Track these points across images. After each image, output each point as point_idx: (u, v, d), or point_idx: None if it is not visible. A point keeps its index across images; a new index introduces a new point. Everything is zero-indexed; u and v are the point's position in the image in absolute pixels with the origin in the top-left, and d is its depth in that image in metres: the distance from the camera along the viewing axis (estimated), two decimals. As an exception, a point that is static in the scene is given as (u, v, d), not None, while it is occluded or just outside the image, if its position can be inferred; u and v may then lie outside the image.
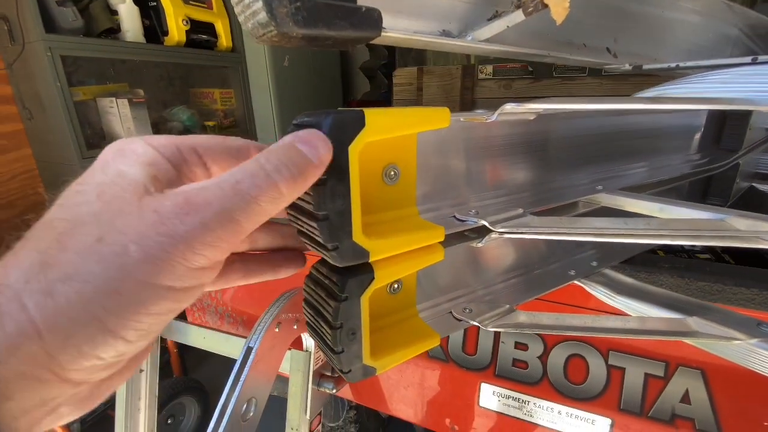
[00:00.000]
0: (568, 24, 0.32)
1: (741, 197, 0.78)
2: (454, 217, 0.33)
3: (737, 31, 0.55)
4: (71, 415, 0.18)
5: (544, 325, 0.37)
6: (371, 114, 0.23)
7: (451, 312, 0.37)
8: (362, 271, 0.27)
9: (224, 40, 2.00)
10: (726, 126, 0.63)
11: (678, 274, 0.48)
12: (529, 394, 0.61)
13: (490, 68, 1.46)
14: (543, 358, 0.59)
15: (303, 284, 0.30)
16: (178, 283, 0.18)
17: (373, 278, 0.27)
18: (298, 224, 0.26)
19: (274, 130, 2.21)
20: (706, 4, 0.46)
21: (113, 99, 1.65)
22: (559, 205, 0.38)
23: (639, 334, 0.35)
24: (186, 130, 1.94)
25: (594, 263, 0.48)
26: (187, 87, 2.03)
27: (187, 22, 1.75)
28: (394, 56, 2.35)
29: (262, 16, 0.19)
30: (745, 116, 0.60)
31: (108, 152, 0.20)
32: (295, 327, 0.58)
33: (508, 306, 0.38)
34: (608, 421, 0.57)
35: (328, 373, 0.71)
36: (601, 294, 0.43)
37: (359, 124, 0.23)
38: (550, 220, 0.33)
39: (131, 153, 0.20)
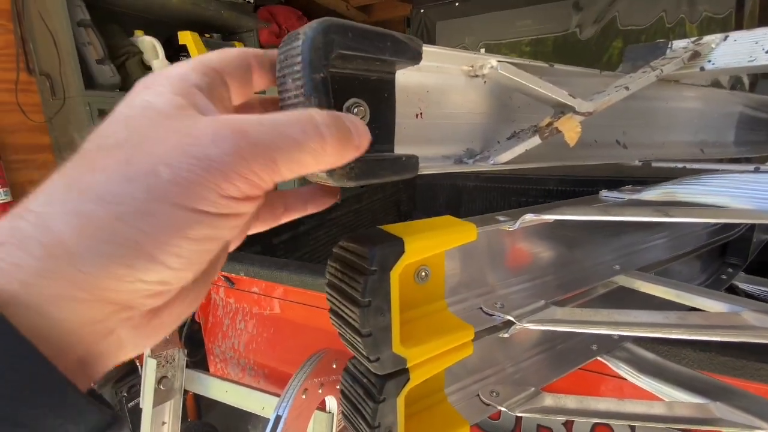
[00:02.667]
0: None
1: (760, 252, 0.78)
2: (481, 309, 0.35)
3: (741, 107, 0.57)
4: (134, 343, 0.18)
5: (569, 409, 0.38)
6: (410, 242, 0.26)
7: (478, 395, 0.39)
8: (399, 373, 0.29)
9: (246, 87, 2.11)
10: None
11: (700, 347, 0.48)
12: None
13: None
14: (568, 424, 0.59)
15: (340, 373, 0.33)
16: (212, 208, 0.17)
17: (409, 379, 0.29)
18: (342, 333, 0.29)
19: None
20: (709, 93, 0.49)
21: (142, 146, 1.74)
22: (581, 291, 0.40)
23: (664, 422, 0.36)
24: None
25: (615, 336, 0.49)
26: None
27: (213, 74, 1.87)
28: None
29: (323, 176, 0.23)
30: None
31: (135, 88, 0.19)
32: (320, 391, 0.59)
33: (533, 389, 0.39)
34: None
35: None
36: (624, 372, 0.44)
37: (400, 252, 0.26)
38: (572, 312, 0.35)
39: (157, 85, 0.19)
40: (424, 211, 1.77)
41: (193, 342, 0.94)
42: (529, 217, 0.32)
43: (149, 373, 0.86)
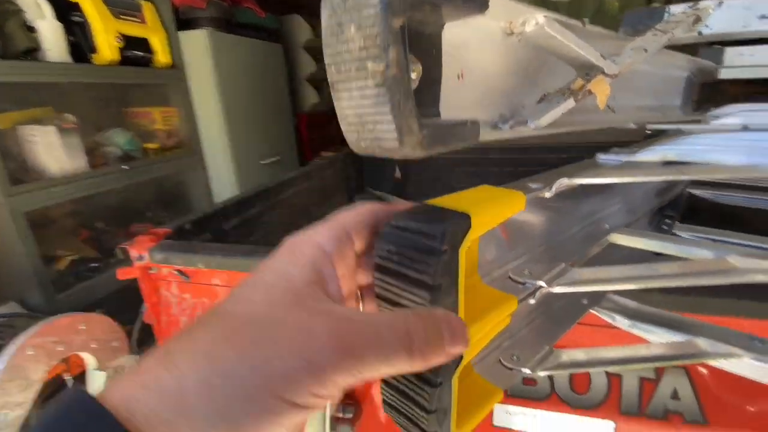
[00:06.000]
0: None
1: (685, 205, 0.89)
2: (510, 278, 0.35)
3: (688, 72, 0.63)
4: None
5: (581, 361, 0.40)
6: (475, 215, 0.24)
7: (500, 360, 0.39)
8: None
9: (161, 55, 1.86)
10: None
11: (666, 291, 0.54)
12: (539, 409, 0.65)
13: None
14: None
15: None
16: (303, 401, 0.19)
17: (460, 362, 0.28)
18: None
19: (223, 148, 2.10)
20: (676, 57, 0.53)
21: (34, 126, 1.46)
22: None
23: (664, 360, 0.40)
24: (125, 155, 1.78)
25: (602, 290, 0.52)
26: (123, 108, 1.86)
27: (120, 38, 1.61)
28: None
29: (392, 144, 0.20)
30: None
31: (284, 248, 0.23)
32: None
33: (547, 348, 0.41)
34: (612, 424, 0.63)
35: (340, 415, 0.70)
36: (618, 322, 0.48)
37: (467, 228, 0.24)
38: (594, 272, 0.37)
39: (300, 254, 0.22)
40: (374, 186, 1.74)
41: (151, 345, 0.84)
42: (565, 182, 0.32)
43: (96, 389, 0.76)
